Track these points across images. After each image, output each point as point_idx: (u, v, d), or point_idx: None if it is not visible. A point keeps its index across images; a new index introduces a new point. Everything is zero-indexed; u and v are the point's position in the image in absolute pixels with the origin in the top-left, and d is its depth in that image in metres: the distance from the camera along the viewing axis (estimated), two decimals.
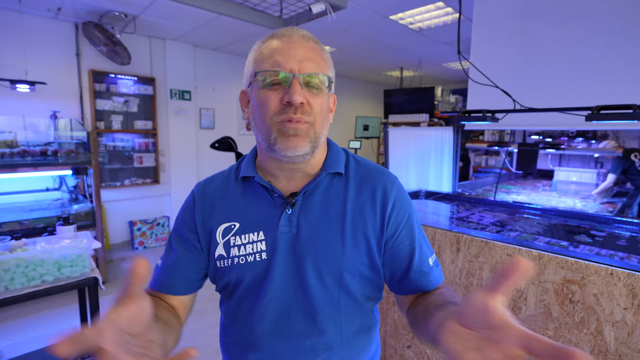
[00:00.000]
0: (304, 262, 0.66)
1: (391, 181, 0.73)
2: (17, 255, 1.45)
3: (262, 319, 0.68)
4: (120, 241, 4.31)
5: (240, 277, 0.68)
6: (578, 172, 4.11)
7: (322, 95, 0.66)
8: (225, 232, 0.70)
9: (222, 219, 0.71)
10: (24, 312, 2.72)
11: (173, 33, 4.11)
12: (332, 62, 0.72)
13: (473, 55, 2.46)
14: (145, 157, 4.34)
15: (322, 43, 0.71)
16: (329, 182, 0.72)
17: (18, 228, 2.74)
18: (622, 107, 1.39)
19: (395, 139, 3.06)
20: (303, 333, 0.68)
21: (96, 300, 1.65)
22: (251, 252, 0.68)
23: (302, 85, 0.63)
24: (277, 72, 0.63)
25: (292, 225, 0.68)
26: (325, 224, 0.68)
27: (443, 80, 7.06)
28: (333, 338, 0.69)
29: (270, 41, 0.67)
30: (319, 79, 0.65)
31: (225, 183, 0.75)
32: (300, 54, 0.64)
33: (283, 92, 0.63)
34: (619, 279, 1.12)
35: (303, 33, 0.67)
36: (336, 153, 0.75)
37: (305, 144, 0.64)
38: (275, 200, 0.70)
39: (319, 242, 0.67)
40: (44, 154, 2.91)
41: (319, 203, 0.70)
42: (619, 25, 1.87)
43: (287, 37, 0.66)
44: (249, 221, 0.69)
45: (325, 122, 0.69)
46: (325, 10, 2.69)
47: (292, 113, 0.62)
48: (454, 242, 1.54)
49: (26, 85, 3.14)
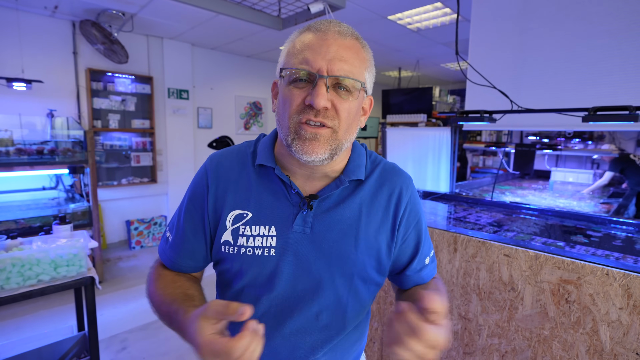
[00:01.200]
0: (317, 263, 0.66)
1: (406, 184, 0.73)
2: (13, 255, 1.45)
3: (265, 313, 0.67)
4: (117, 240, 4.30)
5: (244, 268, 0.67)
6: (575, 173, 4.14)
7: (351, 99, 0.61)
8: (236, 219, 0.68)
9: (234, 205, 0.68)
10: (20, 311, 2.71)
11: (171, 32, 4.10)
12: (372, 62, 0.67)
13: (471, 56, 2.47)
14: (143, 156, 4.32)
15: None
16: (345, 187, 0.70)
17: (14, 227, 2.72)
18: (619, 109, 1.40)
19: (393, 139, 3.07)
20: (304, 330, 0.68)
21: (93, 300, 1.64)
22: (260, 245, 0.66)
23: (329, 88, 0.59)
24: (302, 71, 0.59)
25: (306, 226, 0.66)
26: (339, 227, 0.67)
27: (441, 81, 7.07)
28: (334, 336, 0.70)
29: (304, 34, 0.62)
30: (350, 82, 0.60)
31: (241, 165, 0.71)
32: (333, 52, 0.59)
33: (308, 91, 0.59)
34: (615, 279, 1.12)
35: (340, 28, 0.62)
36: (358, 156, 0.73)
37: (324, 150, 0.61)
38: (292, 197, 0.68)
39: (333, 244, 0.66)
40: (40, 153, 2.89)
41: (334, 205, 0.69)
42: (616, 27, 1.88)
43: (322, 32, 0.61)
44: (262, 213, 0.67)
45: (353, 128, 0.65)
46: (324, 10, 2.69)
47: (313, 116, 0.59)
48: (451, 242, 1.55)
49: (23, 84, 3.13)
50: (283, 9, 3.12)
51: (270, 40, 4.31)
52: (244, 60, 5.27)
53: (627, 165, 3.46)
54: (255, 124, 5.59)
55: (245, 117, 5.44)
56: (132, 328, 2.51)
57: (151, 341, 2.37)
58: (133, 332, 2.46)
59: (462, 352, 1.53)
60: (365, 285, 0.70)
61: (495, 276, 1.41)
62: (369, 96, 0.69)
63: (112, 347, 2.29)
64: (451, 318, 1.57)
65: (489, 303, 1.43)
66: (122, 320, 2.63)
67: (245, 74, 5.32)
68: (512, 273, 1.36)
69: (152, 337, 2.41)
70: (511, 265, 1.36)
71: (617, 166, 3.52)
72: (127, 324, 2.57)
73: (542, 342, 1.29)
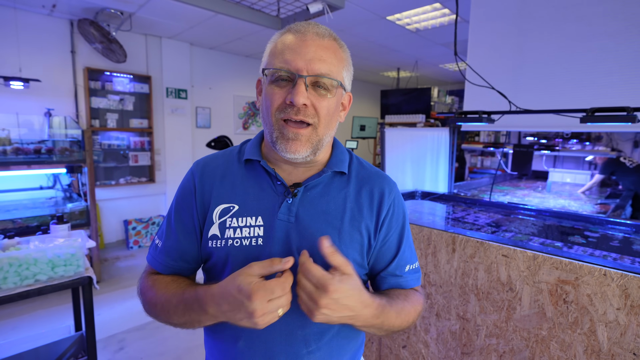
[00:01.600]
0: (300, 251, 0.66)
1: (390, 187, 0.75)
2: (10, 254, 1.44)
3: None
4: (115, 240, 4.29)
5: (231, 259, 0.68)
6: (572, 174, 4.15)
7: (329, 97, 0.65)
8: (222, 212, 0.69)
9: (220, 200, 0.70)
10: (17, 311, 2.70)
11: (169, 31, 4.09)
12: (349, 61, 0.70)
13: (470, 57, 2.47)
14: (141, 156, 4.31)
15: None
16: (331, 179, 0.73)
17: (11, 227, 2.71)
18: (616, 110, 1.40)
19: (391, 140, 3.07)
20: (295, 323, 0.67)
21: (90, 300, 1.64)
22: (247, 235, 0.68)
23: (308, 86, 0.62)
24: (282, 71, 0.62)
25: (290, 215, 0.68)
26: (323, 217, 0.69)
27: (439, 81, 7.08)
28: (326, 329, 0.70)
29: (285, 35, 0.66)
30: (327, 81, 0.64)
31: (226, 164, 0.74)
32: (311, 52, 0.62)
33: (288, 90, 0.63)
34: (612, 279, 1.13)
35: (318, 30, 0.65)
36: (341, 153, 0.76)
37: (306, 148, 0.65)
38: (277, 188, 0.70)
39: (316, 233, 0.67)
40: (37, 152, 2.88)
41: (319, 197, 0.70)
42: (614, 28, 1.89)
43: (301, 34, 0.64)
44: (248, 205, 0.69)
45: (332, 124, 0.69)
46: (323, 10, 2.69)
47: (294, 114, 0.62)
48: (449, 242, 1.55)
49: (20, 83, 3.11)
50: (282, 9, 3.12)
51: (269, 40, 4.31)
52: (243, 60, 5.26)
53: (617, 168, 3.47)
54: (254, 124, 5.58)
55: (243, 117, 5.43)
56: (130, 328, 2.51)
57: (149, 341, 2.36)
58: (131, 332, 2.46)
59: (460, 353, 1.54)
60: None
61: (493, 276, 1.41)
62: (348, 93, 0.72)
63: (109, 347, 2.28)
64: (449, 318, 1.57)
65: (487, 303, 1.44)
66: (119, 320, 2.62)
67: (244, 73, 5.32)
68: (510, 273, 1.36)
69: (149, 337, 2.41)
70: (509, 265, 1.36)
71: (607, 169, 3.52)
72: (124, 323, 2.56)
73: (540, 342, 1.30)
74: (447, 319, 1.58)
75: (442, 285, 1.58)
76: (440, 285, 1.59)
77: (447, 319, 1.57)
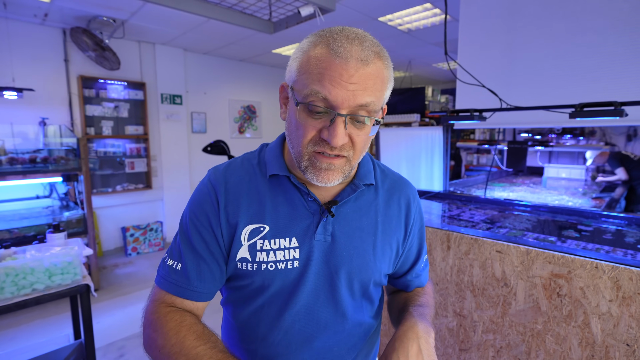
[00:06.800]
0: (338, 271, 0.66)
1: (413, 193, 0.77)
2: (6, 264, 1.44)
3: (290, 327, 0.66)
4: (113, 247, 4.27)
5: (266, 283, 0.64)
6: (567, 169, 4.18)
7: (368, 127, 0.58)
8: (252, 234, 0.64)
9: (249, 219, 0.64)
10: (14, 321, 2.68)
11: (163, 37, 4.10)
12: (392, 75, 0.61)
13: (460, 56, 2.49)
14: (137, 163, 4.31)
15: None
16: (360, 192, 0.70)
17: (7, 237, 2.70)
18: (604, 105, 1.42)
19: (386, 140, 3.09)
20: (332, 340, 0.68)
21: (88, 308, 1.64)
22: (282, 259, 0.63)
23: (347, 123, 0.56)
24: (319, 106, 0.55)
25: (327, 234, 0.65)
26: (359, 234, 0.67)
27: (433, 80, 7.12)
28: (357, 342, 0.72)
29: (320, 51, 0.55)
30: (370, 114, 0.57)
31: (249, 177, 0.67)
32: (354, 85, 0.53)
33: (324, 123, 0.56)
34: (604, 272, 1.14)
35: (363, 54, 0.54)
36: (366, 162, 0.73)
37: (337, 177, 0.60)
38: (310, 205, 0.66)
39: (354, 252, 0.67)
40: (33, 162, 2.88)
41: (352, 212, 0.68)
42: (601, 25, 1.91)
43: (342, 60, 0.53)
44: (281, 225, 0.64)
45: (366, 149, 0.63)
46: (314, 13, 2.71)
47: (329, 149, 0.57)
48: (444, 240, 1.56)
49: (14, 92, 3.11)
50: (274, 13, 3.13)
51: (262, 43, 4.33)
52: (237, 64, 5.27)
53: (624, 160, 3.52)
54: (250, 128, 5.59)
55: (239, 121, 5.44)
56: (130, 335, 2.50)
57: None
58: (130, 339, 2.45)
59: (457, 349, 1.55)
60: (376, 289, 0.74)
61: (488, 272, 1.43)
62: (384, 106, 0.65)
63: (109, 355, 2.27)
64: (446, 315, 1.58)
65: (483, 299, 1.45)
66: (119, 327, 2.61)
67: (239, 77, 5.33)
68: (505, 269, 1.38)
69: None
70: (503, 261, 1.38)
71: (617, 162, 3.57)
72: (124, 331, 2.56)
73: (535, 336, 1.31)
74: (444, 316, 1.59)
75: (438, 282, 1.60)
76: (436, 282, 1.60)
77: (444, 316, 1.58)
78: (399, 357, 0.57)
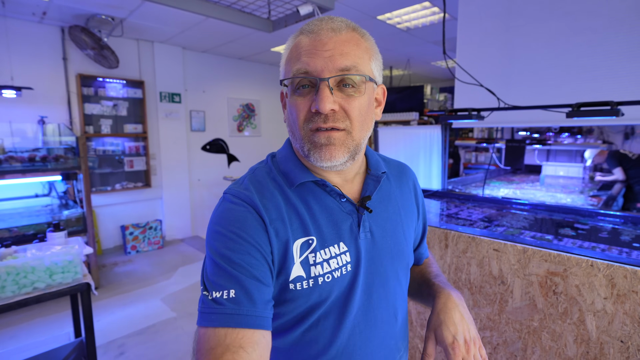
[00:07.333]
0: (384, 263, 0.67)
1: (413, 174, 0.82)
2: (7, 263, 1.45)
3: (352, 331, 0.63)
4: (113, 246, 4.28)
5: (323, 297, 0.60)
6: (565, 167, 4.20)
7: (359, 95, 0.57)
8: (302, 248, 0.59)
9: (296, 233, 0.60)
10: (15, 320, 2.70)
11: (161, 35, 4.09)
12: (376, 49, 0.62)
13: (459, 55, 2.50)
14: (136, 161, 4.31)
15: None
16: (384, 178, 0.72)
17: (7, 235, 2.71)
18: (600, 104, 1.43)
19: (385, 138, 3.10)
20: (388, 334, 0.68)
21: (89, 306, 1.65)
22: (337, 266, 0.61)
23: (333, 89, 0.55)
24: (301, 78, 0.56)
25: (366, 231, 0.65)
26: (389, 223, 0.69)
27: (432, 79, 7.12)
28: (405, 329, 0.75)
29: (298, 39, 0.59)
30: (354, 77, 0.56)
31: (279, 189, 0.63)
32: (330, 50, 0.55)
33: (312, 97, 0.56)
34: (599, 270, 1.16)
35: (333, 25, 0.57)
36: (372, 153, 0.74)
37: (342, 153, 0.58)
38: (344, 206, 0.64)
39: (390, 241, 0.68)
40: (32, 160, 2.88)
41: (378, 203, 0.68)
42: (599, 24, 1.92)
43: (315, 34, 0.57)
44: (325, 233, 0.61)
45: (368, 124, 0.61)
46: (313, 12, 2.71)
47: (322, 122, 0.56)
48: (442, 238, 1.58)
49: (12, 91, 3.11)
50: (273, 11, 3.13)
51: (261, 42, 4.32)
52: (236, 62, 5.27)
53: (622, 159, 3.53)
54: (249, 126, 5.59)
55: (238, 119, 5.44)
56: (130, 333, 2.52)
57: (149, 345, 2.37)
58: (131, 337, 2.47)
59: None
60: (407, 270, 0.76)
61: (485, 270, 1.44)
62: (381, 85, 0.64)
63: (110, 353, 2.29)
64: None
65: (480, 297, 1.46)
66: (119, 325, 2.63)
67: (237, 76, 5.32)
68: (502, 267, 1.39)
69: (150, 341, 2.42)
70: (500, 259, 1.39)
71: (615, 161, 3.58)
72: (124, 329, 2.57)
73: (531, 333, 1.33)
74: None
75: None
76: None
77: None
78: (449, 327, 0.62)
